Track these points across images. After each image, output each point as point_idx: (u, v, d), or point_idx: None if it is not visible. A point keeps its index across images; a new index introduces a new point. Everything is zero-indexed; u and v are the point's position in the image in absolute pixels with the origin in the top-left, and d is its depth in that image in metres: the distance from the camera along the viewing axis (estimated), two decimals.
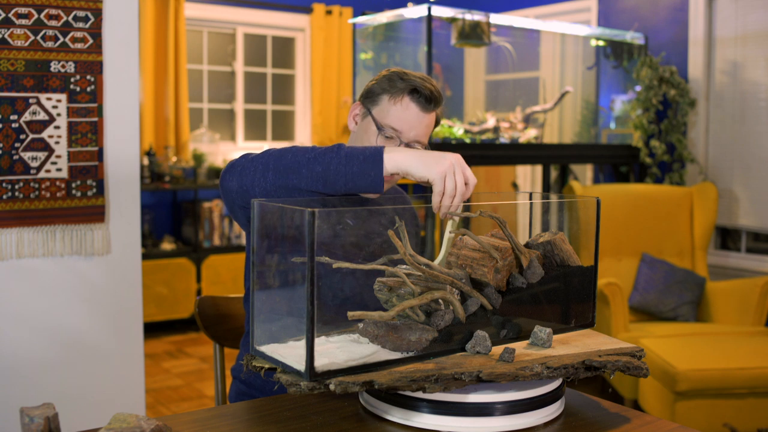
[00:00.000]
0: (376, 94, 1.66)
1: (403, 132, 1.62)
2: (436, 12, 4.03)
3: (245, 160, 1.44)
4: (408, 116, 1.62)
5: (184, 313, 5.23)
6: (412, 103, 1.62)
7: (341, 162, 1.37)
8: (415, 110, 1.62)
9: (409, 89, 1.62)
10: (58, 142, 2.38)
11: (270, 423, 1.20)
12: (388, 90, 1.64)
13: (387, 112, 1.63)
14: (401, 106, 1.62)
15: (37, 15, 2.33)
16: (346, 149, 1.39)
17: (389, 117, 1.63)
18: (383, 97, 1.64)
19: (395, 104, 1.63)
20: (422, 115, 1.63)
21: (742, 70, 4.39)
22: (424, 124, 1.64)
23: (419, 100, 1.62)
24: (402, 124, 1.62)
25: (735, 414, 3.12)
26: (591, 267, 1.41)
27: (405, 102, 1.62)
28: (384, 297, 1.22)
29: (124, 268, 2.54)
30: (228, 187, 1.46)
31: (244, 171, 1.43)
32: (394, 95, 1.63)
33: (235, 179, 1.44)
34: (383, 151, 1.36)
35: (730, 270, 4.41)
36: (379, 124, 1.63)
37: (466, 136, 4.28)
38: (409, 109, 1.62)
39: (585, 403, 1.32)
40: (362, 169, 1.36)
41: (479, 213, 1.29)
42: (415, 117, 1.62)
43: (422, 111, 1.63)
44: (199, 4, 5.68)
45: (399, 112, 1.62)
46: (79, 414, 2.41)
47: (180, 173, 5.33)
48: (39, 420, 1.00)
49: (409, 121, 1.62)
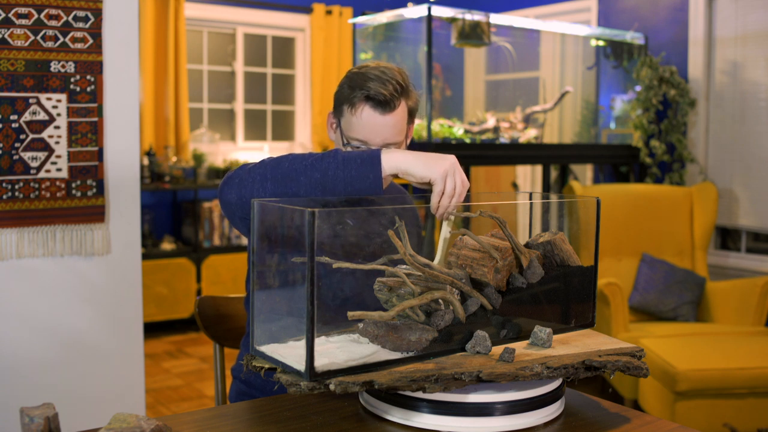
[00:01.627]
0: (339, 103, 1.62)
1: (368, 141, 1.58)
2: (436, 12, 4.03)
3: (243, 172, 1.43)
4: (368, 124, 1.57)
5: (184, 313, 5.23)
6: (370, 110, 1.57)
7: (339, 167, 1.36)
8: (375, 116, 1.57)
9: (362, 97, 1.57)
10: (58, 142, 2.38)
11: (270, 423, 1.20)
12: (346, 99, 1.60)
13: (350, 124, 1.59)
14: (361, 116, 1.57)
15: (37, 15, 2.33)
16: (343, 153, 1.38)
17: (352, 129, 1.59)
18: (344, 107, 1.60)
19: (354, 115, 1.58)
20: (384, 118, 1.57)
21: (742, 70, 4.39)
22: (389, 126, 1.58)
23: (376, 106, 1.57)
24: (366, 134, 1.58)
25: (735, 414, 3.12)
26: (591, 267, 1.41)
27: (364, 111, 1.57)
28: (384, 297, 1.22)
29: (124, 268, 2.54)
30: (227, 200, 1.44)
31: (243, 183, 1.42)
32: (352, 105, 1.58)
33: (234, 191, 1.43)
34: (381, 153, 1.36)
35: (730, 270, 4.41)
36: (345, 138, 1.60)
37: (466, 136, 4.28)
38: (370, 117, 1.57)
39: (585, 403, 1.32)
40: (360, 172, 1.35)
41: (479, 213, 1.29)
42: (376, 123, 1.57)
43: (383, 114, 1.57)
44: (199, 4, 5.68)
45: (359, 123, 1.58)
46: (79, 414, 2.41)
47: (180, 173, 5.33)
48: (39, 420, 1.00)
49: (371, 129, 1.57)
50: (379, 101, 1.56)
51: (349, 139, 1.60)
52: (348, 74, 1.63)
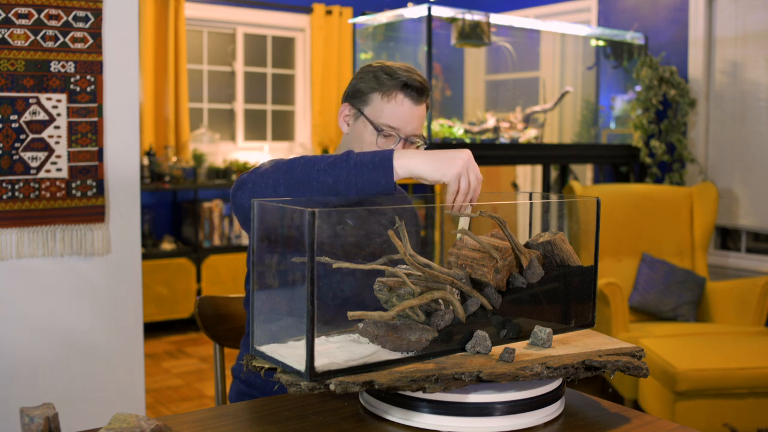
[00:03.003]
0: (365, 93, 1.65)
1: (400, 128, 1.62)
2: (436, 12, 4.03)
3: (255, 176, 1.43)
4: (403, 112, 1.62)
5: (184, 313, 5.23)
6: (405, 99, 1.62)
7: (351, 172, 1.36)
8: (409, 105, 1.63)
9: (400, 85, 1.61)
10: (58, 142, 2.38)
11: (270, 423, 1.20)
12: (377, 88, 1.63)
13: (381, 110, 1.62)
14: (395, 102, 1.62)
15: (37, 15, 2.33)
16: (356, 157, 1.38)
17: (384, 115, 1.62)
18: (374, 95, 1.63)
19: (388, 102, 1.62)
20: (415, 108, 1.63)
21: (742, 70, 4.39)
22: (417, 117, 1.64)
23: (411, 94, 1.62)
24: (399, 121, 1.62)
25: (735, 414, 3.12)
26: (591, 267, 1.41)
27: (398, 98, 1.62)
28: (384, 297, 1.22)
29: (124, 268, 2.54)
30: (240, 203, 1.45)
31: (256, 187, 1.42)
32: (385, 93, 1.62)
33: (246, 195, 1.43)
34: (393, 158, 1.36)
35: (730, 270, 4.41)
36: (376, 125, 1.62)
37: (466, 136, 4.28)
38: (404, 105, 1.62)
39: (585, 403, 1.32)
40: (372, 177, 1.36)
41: (479, 213, 1.29)
42: (409, 111, 1.62)
43: (415, 104, 1.63)
44: (199, 4, 5.68)
45: (394, 110, 1.62)
46: (79, 414, 2.41)
47: (180, 173, 5.33)
48: (39, 420, 1.00)
49: (404, 116, 1.62)
50: (416, 89, 1.62)
51: (380, 125, 1.62)
52: (369, 68, 1.67)
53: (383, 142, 1.63)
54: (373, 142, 1.63)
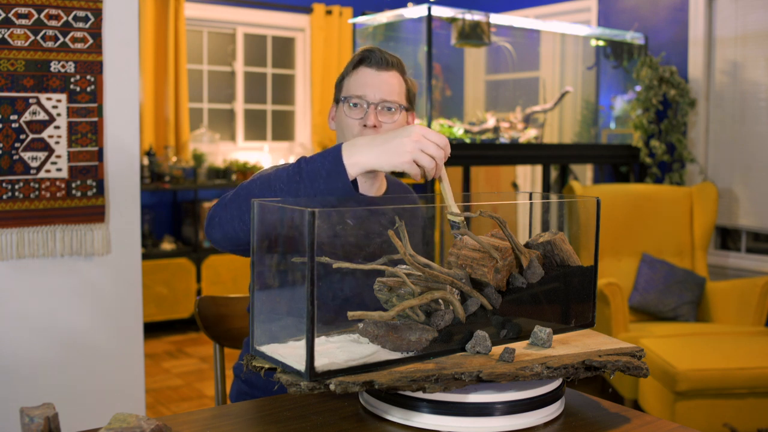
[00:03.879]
0: (338, 86, 1.73)
1: (366, 95, 1.65)
2: (436, 12, 4.03)
3: (220, 209, 1.43)
4: (363, 79, 1.66)
5: (184, 313, 5.23)
6: (364, 68, 1.67)
7: (307, 186, 1.35)
8: (370, 72, 1.66)
9: (357, 59, 1.68)
10: (58, 142, 2.38)
11: (270, 423, 1.20)
12: (344, 75, 1.71)
13: (348, 86, 1.69)
14: (357, 74, 1.68)
15: (37, 15, 2.33)
16: (307, 167, 1.36)
17: (350, 88, 1.68)
18: (343, 82, 1.71)
19: (350, 77, 1.69)
20: (379, 74, 1.66)
21: (742, 70, 4.39)
22: (385, 82, 1.66)
23: (370, 63, 1.67)
24: (360, 88, 1.65)
25: (735, 414, 3.12)
26: (591, 267, 1.41)
27: (360, 69, 1.68)
28: (384, 297, 1.22)
29: (124, 268, 2.54)
30: (214, 239, 1.46)
31: (222, 221, 1.42)
32: (348, 72, 1.70)
33: (217, 231, 1.43)
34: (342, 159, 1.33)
35: (730, 270, 4.41)
36: (342, 98, 1.68)
37: (466, 136, 4.28)
38: (365, 73, 1.66)
39: (585, 403, 1.32)
40: (329, 185, 1.34)
41: (479, 213, 1.29)
42: (371, 77, 1.66)
43: (377, 71, 1.66)
44: (199, 4, 5.68)
45: (357, 80, 1.67)
46: (79, 414, 2.41)
47: (180, 173, 5.33)
48: (39, 420, 1.00)
49: (365, 83, 1.65)
50: (374, 59, 1.67)
51: (348, 99, 1.67)
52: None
53: (351, 112, 1.66)
54: (346, 116, 1.67)
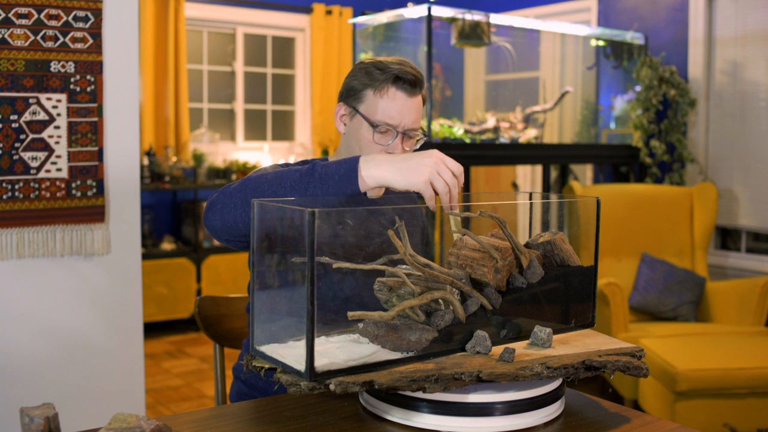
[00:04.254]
0: (358, 90, 1.62)
1: (397, 122, 1.59)
2: (436, 12, 4.03)
3: (224, 196, 1.42)
4: (397, 106, 1.59)
5: (184, 313, 5.23)
6: (398, 92, 1.59)
7: (317, 186, 1.35)
8: (403, 98, 1.59)
9: (391, 78, 1.59)
10: (58, 142, 2.38)
11: (270, 423, 1.20)
12: (369, 84, 1.60)
13: (375, 106, 1.60)
14: (388, 97, 1.59)
15: (37, 15, 2.33)
16: (321, 170, 1.36)
17: (379, 112, 1.59)
18: (367, 92, 1.61)
19: (381, 97, 1.59)
20: (410, 101, 1.60)
21: (742, 70, 4.39)
22: (413, 109, 1.61)
23: (404, 86, 1.59)
24: (394, 117, 1.59)
25: (735, 414, 3.12)
26: (591, 267, 1.41)
27: (391, 92, 1.59)
28: (384, 297, 1.22)
29: (124, 268, 2.54)
30: (211, 225, 1.43)
31: (225, 208, 1.41)
32: (377, 88, 1.59)
33: (217, 218, 1.42)
34: (358, 169, 1.33)
35: (730, 270, 4.41)
36: (371, 122, 1.59)
37: (466, 136, 4.28)
38: (397, 99, 1.59)
39: (585, 403, 1.32)
40: (339, 189, 1.34)
41: (479, 213, 1.29)
42: (403, 104, 1.59)
43: (409, 96, 1.60)
44: (199, 4, 5.68)
45: (387, 104, 1.59)
46: (79, 414, 2.41)
47: (180, 173, 5.34)
48: (39, 420, 1.00)
49: (399, 110, 1.59)
50: (408, 81, 1.59)
51: (375, 122, 1.59)
52: (361, 65, 1.64)
53: (380, 138, 1.60)
54: (370, 140, 1.60)
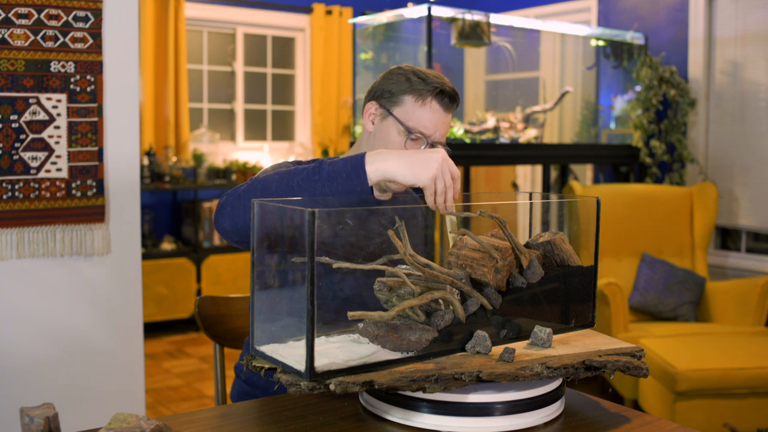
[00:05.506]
0: (395, 94, 1.63)
1: (431, 134, 1.61)
2: (436, 12, 4.02)
3: (233, 199, 1.43)
4: (435, 118, 1.61)
5: (184, 313, 5.23)
6: (438, 105, 1.62)
7: (325, 184, 1.36)
8: (441, 112, 1.62)
9: (435, 91, 1.61)
10: (58, 142, 2.38)
11: (270, 423, 1.20)
12: (409, 91, 1.62)
13: (412, 113, 1.61)
14: (429, 108, 1.61)
15: (37, 15, 2.33)
16: (328, 168, 1.38)
17: (415, 119, 1.61)
18: (406, 98, 1.62)
19: (422, 106, 1.61)
20: (446, 116, 1.64)
21: (742, 70, 4.39)
22: (446, 125, 1.64)
23: (444, 101, 1.62)
24: (429, 127, 1.61)
25: (735, 414, 3.12)
26: (591, 267, 1.41)
27: (432, 104, 1.61)
28: (384, 297, 1.22)
29: (124, 268, 2.54)
30: (222, 228, 1.45)
31: (234, 211, 1.42)
32: (419, 97, 1.61)
33: (227, 220, 1.43)
34: (364, 164, 1.35)
35: (730, 270, 4.41)
36: (406, 127, 1.61)
37: (466, 136, 4.28)
38: (436, 111, 1.62)
39: (585, 403, 1.32)
40: (347, 186, 1.36)
41: (479, 213, 1.29)
42: (440, 118, 1.62)
43: (445, 111, 1.63)
44: (199, 4, 5.68)
45: (426, 114, 1.61)
46: (79, 414, 2.41)
47: (180, 173, 5.33)
48: (39, 420, 1.00)
49: (435, 123, 1.61)
50: (449, 96, 1.62)
51: (411, 128, 1.61)
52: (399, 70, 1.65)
53: (411, 145, 1.62)
54: (400, 143, 1.62)
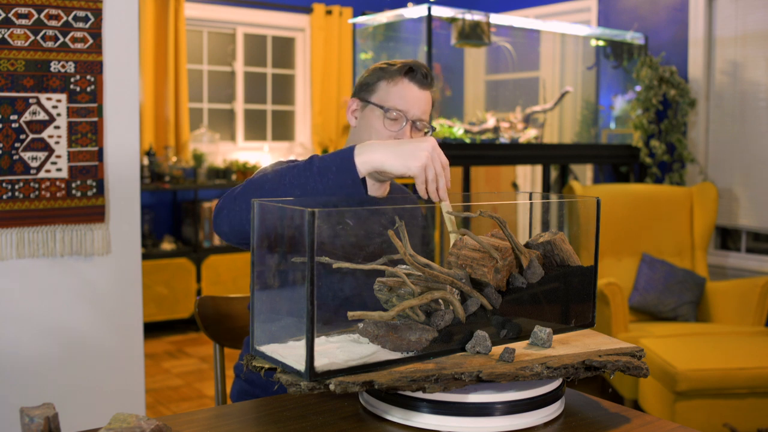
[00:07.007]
0: (371, 84, 1.70)
1: (407, 110, 1.66)
2: (436, 12, 4.02)
3: (229, 201, 1.44)
4: (408, 94, 1.66)
5: (184, 313, 5.23)
6: (410, 83, 1.67)
7: (316, 179, 1.38)
8: (414, 88, 1.67)
9: (404, 69, 1.67)
10: (58, 142, 2.38)
11: (270, 423, 1.20)
12: (383, 76, 1.69)
13: (387, 94, 1.67)
14: (402, 86, 1.67)
15: (37, 15, 2.33)
16: (319, 162, 1.39)
17: (391, 98, 1.66)
18: (380, 84, 1.68)
19: (395, 86, 1.67)
20: (421, 92, 1.68)
21: (742, 70, 4.39)
22: (423, 101, 1.68)
23: (416, 77, 1.67)
24: (404, 103, 1.66)
25: (735, 414, 3.12)
26: (591, 267, 1.41)
27: (404, 82, 1.67)
28: (384, 297, 1.22)
29: (124, 268, 2.54)
30: (221, 231, 1.47)
31: (231, 213, 1.43)
32: (390, 78, 1.68)
33: (225, 224, 1.45)
34: (353, 156, 1.37)
35: (730, 270, 4.41)
36: (383, 106, 1.66)
37: (466, 136, 4.28)
38: (409, 87, 1.67)
39: (585, 403, 1.32)
40: (338, 180, 1.37)
41: (479, 213, 1.29)
42: (415, 94, 1.67)
43: (420, 88, 1.67)
44: (199, 4, 5.68)
45: (400, 92, 1.66)
46: (79, 414, 2.41)
47: (180, 173, 5.33)
48: (39, 420, 1.00)
49: (410, 98, 1.66)
50: (421, 74, 1.68)
51: (388, 108, 1.66)
52: (375, 65, 1.74)
53: (390, 124, 1.66)
54: (382, 127, 1.66)
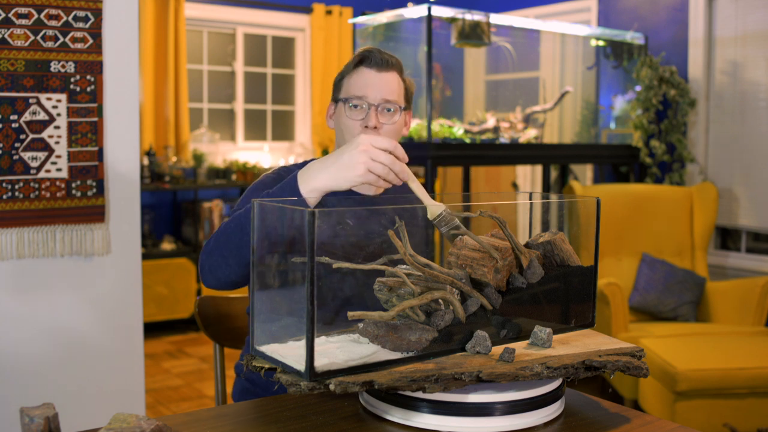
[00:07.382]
0: (336, 83, 1.73)
1: (366, 95, 1.65)
2: (436, 12, 4.02)
3: (205, 257, 1.46)
4: (365, 79, 1.66)
5: (184, 313, 5.23)
6: (367, 68, 1.67)
7: None
8: (370, 72, 1.67)
9: (357, 60, 1.68)
10: (58, 142, 2.38)
11: (270, 423, 1.20)
12: (344, 73, 1.71)
13: (348, 87, 1.68)
14: (357, 74, 1.68)
15: (37, 15, 2.33)
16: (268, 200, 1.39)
17: (350, 88, 1.68)
18: (342, 81, 1.71)
19: (352, 77, 1.68)
20: (379, 75, 1.66)
21: (742, 70, 4.39)
22: (385, 83, 1.66)
23: (371, 63, 1.67)
24: (361, 89, 1.66)
25: (735, 414, 3.12)
26: (591, 267, 1.41)
27: (359, 70, 1.68)
28: (384, 297, 1.22)
29: (124, 268, 2.54)
30: (210, 286, 1.49)
31: (212, 267, 1.45)
32: (348, 72, 1.70)
33: (210, 279, 1.47)
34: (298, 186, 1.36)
35: (730, 270, 4.41)
36: (343, 98, 1.68)
37: (466, 136, 4.28)
38: (365, 73, 1.67)
39: (585, 403, 1.32)
40: None
41: (479, 213, 1.29)
42: (372, 78, 1.66)
43: (377, 71, 1.66)
44: (199, 4, 5.68)
45: (357, 81, 1.67)
46: (79, 414, 2.41)
47: (180, 173, 5.33)
48: (39, 420, 1.00)
49: (366, 83, 1.66)
50: (375, 60, 1.67)
51: (348, 100, 1.67)
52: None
53: (352, 113, 1.66)
54: (348, 119, 1.67)
